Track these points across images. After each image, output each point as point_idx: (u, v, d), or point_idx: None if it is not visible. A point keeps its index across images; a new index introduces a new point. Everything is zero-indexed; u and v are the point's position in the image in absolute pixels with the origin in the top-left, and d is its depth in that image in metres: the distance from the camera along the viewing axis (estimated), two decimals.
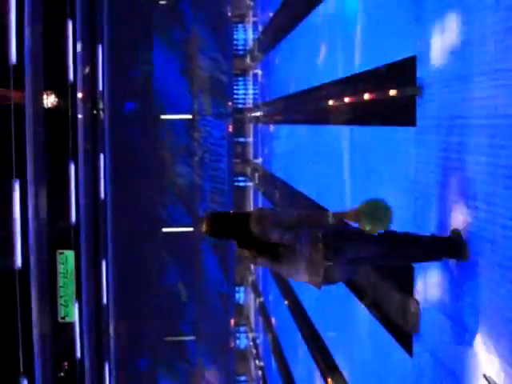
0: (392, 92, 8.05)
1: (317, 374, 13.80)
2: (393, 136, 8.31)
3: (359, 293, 10.00)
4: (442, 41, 6.32)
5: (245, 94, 33.19)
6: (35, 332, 14.91)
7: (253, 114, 31.05)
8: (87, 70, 22.42)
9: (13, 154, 13.56)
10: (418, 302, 6.94)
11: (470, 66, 5.63)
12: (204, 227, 5.45)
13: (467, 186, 5.64)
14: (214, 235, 5.55)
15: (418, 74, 6.98)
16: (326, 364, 13.00)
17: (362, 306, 9.77)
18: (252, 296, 31.69)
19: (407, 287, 7.28)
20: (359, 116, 10.63)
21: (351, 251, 5.44)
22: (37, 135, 15.17)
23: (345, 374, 11.62)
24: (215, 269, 31.85)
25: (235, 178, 32.85)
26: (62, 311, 16.47)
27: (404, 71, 7.52)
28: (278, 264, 5.45)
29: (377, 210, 5.44)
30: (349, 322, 11.13)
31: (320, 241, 5.29)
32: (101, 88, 25.65)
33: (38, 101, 15.64)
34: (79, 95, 20.97)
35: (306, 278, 5.41)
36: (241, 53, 33.33)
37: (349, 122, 11.36)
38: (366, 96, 9.75)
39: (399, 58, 7.83)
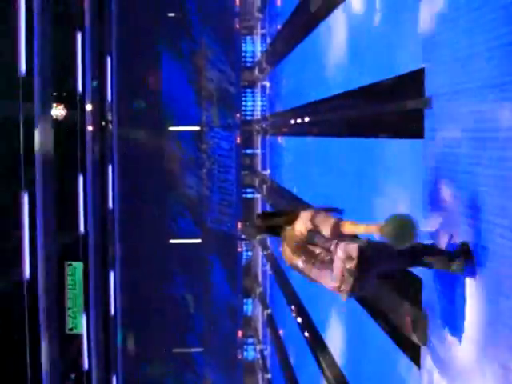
0: (400, 104, 8.06)
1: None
2: (400, 148, 8.31)
3: (368, 306, 9.99)
4: (450, 53, 6.33)
5: (253, 106, 33.24)
6: (43, 343, 14.91)
7: (261, 126, 31.08)
8: (96, 81, 22.48)
9: (22, 165, 13.60)
10: (426, 314, 6.92)
11: (478, 78, 5.63)
12: (256, 222, 5.85)
13: (475, 198, 5.64)
14: (264, 230, 6.03)
15: (426, 87, 6.98)
16: (334, 376, 12.96)
17: (371, 318, 9.75)
18: (260, 308, 31.63)
19: (415, 300, 7.26)
20: (367, 128, 10.64)
21: (383, 265, 5.61)
22: (45, 147, 15.21)
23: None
24: (223, 280, 31.83)
25: (243, 190, 32.85)
26: (69, 323, 16.47)
27: (412, 84, 7.52)
28: (310, 265, 5.59)
29: (404, 226, 5.46)
30: (357, 334, 11.11)
31: (356, 252, 5.41)
32: (109, 100, 25.72)
33: (47, 112, 15.68)
34: (88, 107, 21.03)
35: (334, 284, 5.51)
36: (249, 65, 33.40)
37: (356, 135, 11.36)
38: (374, 108, 9.76)
39: (407, 71, 7.84)
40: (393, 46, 8.81)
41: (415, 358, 7.44)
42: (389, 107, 8.90)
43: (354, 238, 5.63)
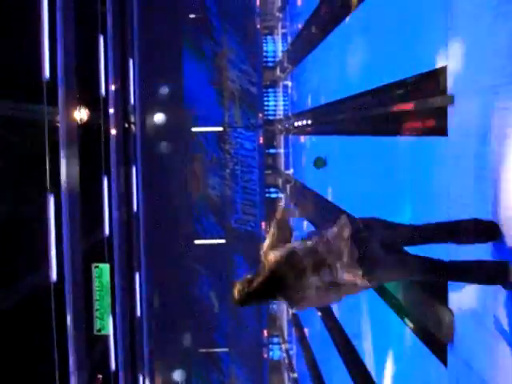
0: (423, 102, 8.05)
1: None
2: (424, 146, 8.30)
3: (393, 303, 9.98)
4: (474, 50, 6.32)
5: (275, 106, 33.26)
6: (71, 345, 15.02)
7: (283, 125, 31.08)
8: (119, 84, 22.60)
9: (47, 168, 13.71)
10: (453, 311, 6.91)
11: (501, 75, 5.62)
12: (235, 301, 5.17)
13: (501, 196, 5.63)
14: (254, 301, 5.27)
15: (449, 84, 6.97)
16: (360, 375, 12.95)
17: (396, 316, 9.74)
18: (285, 306, 31.63)
19: (441, 297, 7.25)
20: (390, 126, 10.62)
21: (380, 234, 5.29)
22: (70, 149, 15.32)
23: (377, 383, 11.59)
24: None
25: (267, 190, 32.87)
26: (97, 324, 16.58)
27: (435, 81, 7.51)
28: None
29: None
30: (382, 332, 11.10)
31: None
32: (132, 102, 25.85)
33: (71, 115, 15.80)
34: (111, 109, 21.15)
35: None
36: (270, 64, 33.43)
37: (379, 133, 11.35)
38: (397, 106, 9.75)
39: (430, 68, 7.83)
40: (416, 43, 8.79)
41: (442, 356, 7.43)
42: (412, 105, 8.89)
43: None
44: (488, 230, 5.55)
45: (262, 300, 5.19)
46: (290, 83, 29.33)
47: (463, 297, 6.61)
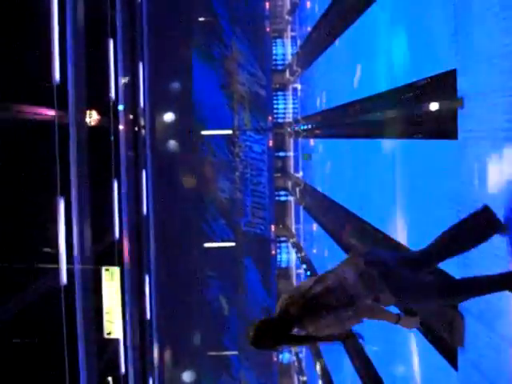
0: (433, 105, 8.05)
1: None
2: (434, 149, 8.29)
3: (403, 307, 9.95)
4: (483, 53, 6.32)
5: (284, 109, 33.28)
6: (81, 348, 15.06)
7: (293, 129, 31.09)
8: (128, 87, 22.65)
9: (57, 171, 13.75)
10: (463, 315, 6.91)
11: (511, 77, 5.62)
12: (250, 340, 4.98)
13: (510, 199, 5.62)
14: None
15: (459, 87, 6.97)
16: (370, 378, 12.94)
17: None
18: None
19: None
20: (400, 130, 10.62)
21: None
22: (80, 153, 15.37)
23: None
24: (257, 283, 31.88)
25: (276, 193, 32.89)
26: (107, 327, 16.62)
27: (445, 84, 7.51)
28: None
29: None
30: (392, 335, 11.08)
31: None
32: (142, 105, 25.91)
33: (82, 119, 15.85)
34: (121, 113, 21.20)
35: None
36: (280, 67, 33.46)
37: (389, 136, 11.34)
38: (407, 109, 9.75)
39: (440, 71, 7.83)
40: (425, 46, 8.79)
41: (452, 360, 7.42)
42: (421, 108, 8.88)
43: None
44: (489, 221, 5.46)
45: (279, 339, 4.92)
46: (299, 86, 29.35)
47: (473, 301, 6.60)
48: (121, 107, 21.29)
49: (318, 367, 21.67)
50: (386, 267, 5.06)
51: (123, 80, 21.37)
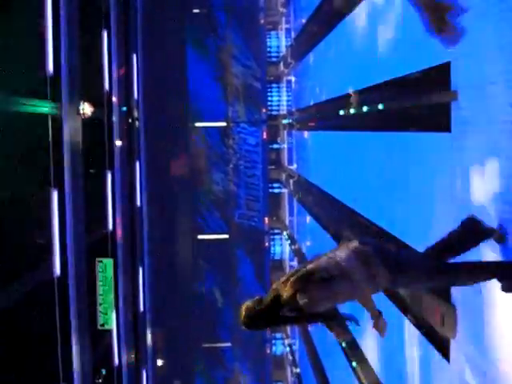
0: (427, 98, 8.05)
1: (354, 380, 13.78)
2: (428, 142, 8.31)
3: (397, 299, 9.99)
4: (477, 46, 6.32)
5: (279, 101, 33.25)
6: (74, 339, 15.06)
7: (287, 121, 31.09)
8: (122, 79, 22.61)
9: (51, 163, 13.73)
10: (455, 307, 6.93)
11: (504, 70, 5.63)
12: (243, 320, 4.89)
13: (504, 191, 5.63)
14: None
15: (453, 80, 6.97)
16: (363, 370, 12.98)
17: (400, 312, 9.75)
18: None
19: (444, 293, 7.26)
20: (393, 122, 10.63)
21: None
22: (74, 145, 15.34)
23: (381, 379, 11.60)
24: (251, 275, 31.92)
25: (270, 185, 32.89)
26: (101, 319, 16.62)
27: (438, 77, 7.52)
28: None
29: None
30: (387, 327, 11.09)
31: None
32: (136, 97, 25.85)
33: (75, 111, 15.81)
34: (115, 104, 21.16)
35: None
36: (274, 60, 33.41)
37: (383, 128, 11.35)
38: (401, 102, 9.76)
39: (434, 64, 7.83)
40: (419, 39, 8.79)
41: (445, 352, 7.45)
42: (415, 101, 8.89)
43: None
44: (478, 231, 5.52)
45: (272, 320, 4.88)
46: (293, 78, 29.33)
47: (466, 293, 6.62)
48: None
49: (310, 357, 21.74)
50: (381, 245, 5.09)
51: (120, 78, 21.33)
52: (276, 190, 33.46)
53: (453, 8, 4.78)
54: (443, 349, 7.52)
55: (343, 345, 15.17)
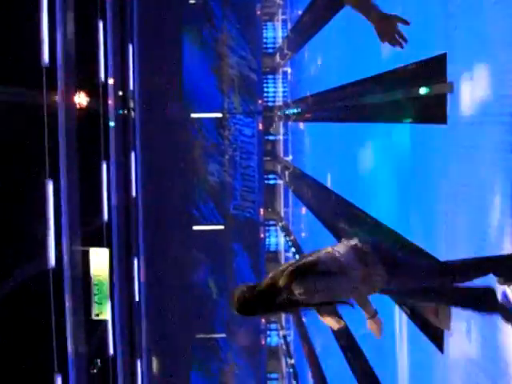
0: (423, 89, 8.05)
1: (348, 371, 13.82)
2: (424, 134, 8.31)
3: (391, 290, 9.98)
4: (474, 37, 6.32)
5: (274, 92, 33.22)
6: (69, 329, 15.07)
7: (282, 112, 31.06)
8: (118, 69, 22.57)
9: (46, 154, 13.71)
10: None
11: (501, 62, 5.63)
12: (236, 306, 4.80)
13: (500, 184, 5.64)
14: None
15: (449, 71, 6.97)
16: (357, 361, 13.01)
17: (393, 303, 9.77)
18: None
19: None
20: (389, 114, 10.63)
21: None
22: (69, 135, 15.32)
23: (375, 369, 11.63)
24: (246, 267, 31.95)
25: (265, 176, 32.89)
26: (96, 309, 16.63)
27: (435, 68, 7.51)
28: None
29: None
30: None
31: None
32: (131, 87, 25.81)
33: (71, 101, 15.79)
34: (110, 95, 21.13)
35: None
36: (270, 51, 33.35)
37: (379, 120, 11.35)
38: (397, 94, 9.75)
39: (430, 56, 7.83)
40: (415, 31, 8.78)
41: (438, 343, 7.47)
42: (411, 92, 8.89)
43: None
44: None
45: (264, 306, 4.81)
46: (289, 70, 29.29)
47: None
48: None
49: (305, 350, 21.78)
50: (381, 245, 5.11)
51: (113, 71, 21.27)
52: (271, 182, 33.47)
53: (398, 20, 4.84)
54: (437, 340, 7.54)
55: (337, 335, 15.20)
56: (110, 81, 21.13)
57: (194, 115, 31.25)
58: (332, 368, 17.16)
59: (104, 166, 19.33)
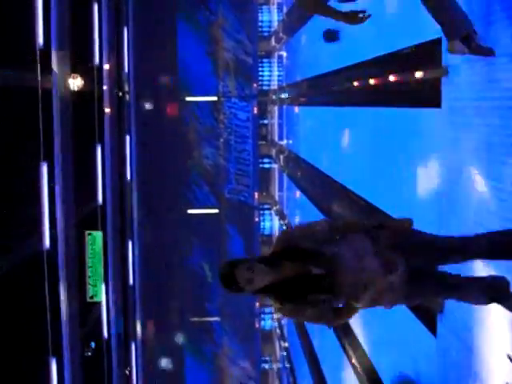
0: (417, 73, 8.06)
1: (341, 354, 13.87)
2: (418, 118, 8.32)
3: None
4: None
5: (270, 76, 33.16)
6: (63, 311, 15.10)
7: (278, 96, 31.02)
8: (113, 52, 22.51)
9: (41, 137, 13.70)
10: None
11: (495, 47, 5.63)
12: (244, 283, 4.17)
13: (493, 168, 5.66)
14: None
15: (444, 56, 6.98)
16: (351, 344, 13.07)
17: None
18: None
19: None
20: (384, 98, 10.63)
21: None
22: (64, 118, 15.30)
23: (368, 353, 11.69)
24: (241, 250, 31.99)
25: (260, 160, 32.88)
26: (90, 291, 16.68)
27: (430, 53, 7.52)
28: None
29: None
30: None
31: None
32: (126, 70, 25.74)
33: (65, 84, 15.76)
34: (105, 78, 21.07)
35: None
36: (265, 34, 33.27)
37: (374, 104, 11.36)
38: (392, 78, 9.76)
39: (425, 40, 7.83)
40: (410, 15, 8.78)
41: (431, 326, 7.51)
42: (406, 76, 8.89)
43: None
44: None
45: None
46: (284, 54, 29.23)
47: (452, 268, 6.66)
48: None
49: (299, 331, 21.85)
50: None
51: (110, 52, 21.20)
52: (266, 166, 33.47)
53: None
54: (430, 323, 7.58)
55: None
56: (105, 64, 21.07)
57: (189, 98, 31.19)
58: (326, 352, 17.23)
59: (99, 149, 19.32)
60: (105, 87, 20.99)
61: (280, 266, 4.22)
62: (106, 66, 21.26)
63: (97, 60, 19.73)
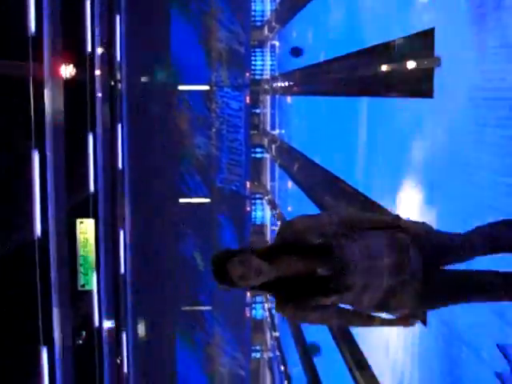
0: (410, 64, 8.07)
1: (331, 342, 13.92)
2: (410, 107, 8.33)
3: None
4: (461, 13, 6.32)
5: (262, 66, 33.13)
6: (55, 300, 15.08)
7: (270, 85, 30.99)
8: (105, 41, 22.42)
9: (32, 125, 13.65)
10: None
11: (487, 38, 5.64)
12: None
13: (484, 158, 5.67)
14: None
15: (437, 46, 6.98)
16: (341, 333, 13.11)
17: None
18: None
19: None
20: (377, 87, 10.64)
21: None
22: (55, 106, 15.24)
23: (360, 345, 11.72)
24: (232, 239, 32.01)
25: (252, 150, 32.87)
26: (81, 279, 16.65)
27: (423, 43, 7.52)
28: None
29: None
30: None
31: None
32: (118, 59, 25.64)
33: (57, 72, 15.68)
34: (97, 66, 20.99)
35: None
36: (258, 24, 33.21)
37: (366, 94, 11.36)
38: (385, 67, 9.76)
39: (418, 30, 7.83)
40: (404, 5, 8.78)
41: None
42: (399, 66, 8.90)
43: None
44: None
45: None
46: (277, 43, 29.20)
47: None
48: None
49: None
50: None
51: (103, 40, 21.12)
52: (258, 155, 33.47)
53: None
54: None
55: None
56: (97, 51, 20.98)
57: (181, 87, 31.13)
58: (316, 339, 17.28)
59: (90, 138, 19.26)
60: (97, 75, 20.90)
61: (278, 261, 3.86)
62: (98, 54, 21.17)
63: (89, 48, 19.64)
